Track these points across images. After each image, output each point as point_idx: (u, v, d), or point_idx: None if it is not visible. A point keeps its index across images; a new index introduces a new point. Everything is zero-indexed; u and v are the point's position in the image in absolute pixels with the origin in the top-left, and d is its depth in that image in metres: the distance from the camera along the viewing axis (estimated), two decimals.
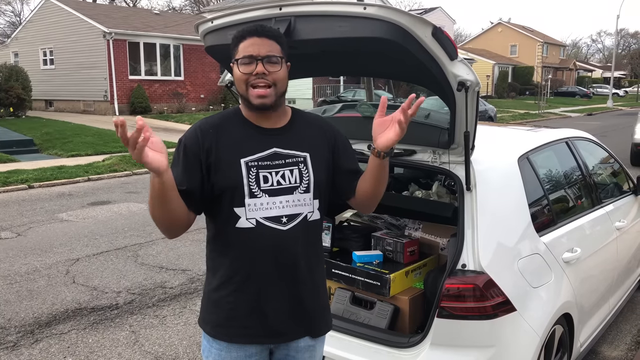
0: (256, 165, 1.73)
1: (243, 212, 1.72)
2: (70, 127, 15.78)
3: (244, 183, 1.71)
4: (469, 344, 2.31)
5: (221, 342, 1.79)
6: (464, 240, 2.35)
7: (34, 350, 3.69)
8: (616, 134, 17.39)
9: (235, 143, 1.75)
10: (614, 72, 44.22)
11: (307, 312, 1.82)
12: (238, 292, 1.76)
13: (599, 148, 3.99)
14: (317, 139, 1.85)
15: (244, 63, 1.69)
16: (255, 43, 1.69)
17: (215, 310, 1.80)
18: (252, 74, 1.69)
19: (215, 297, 1.80)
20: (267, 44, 1.70)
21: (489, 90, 41.23)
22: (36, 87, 19.58)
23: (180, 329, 4.00)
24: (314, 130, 1.86)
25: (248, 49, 1.69)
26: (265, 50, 1.69)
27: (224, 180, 1.72)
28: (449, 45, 2.00)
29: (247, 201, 1.72)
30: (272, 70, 1.69)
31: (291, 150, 1.78)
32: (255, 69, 1.68)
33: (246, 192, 1.71)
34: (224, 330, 1.79)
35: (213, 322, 1.81)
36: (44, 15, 22.36)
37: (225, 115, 1.83)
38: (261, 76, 1.68)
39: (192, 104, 21.99)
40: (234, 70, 1.74)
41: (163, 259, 5.52)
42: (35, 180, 9.42)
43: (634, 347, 3.77)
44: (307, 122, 1.88)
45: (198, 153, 1.72)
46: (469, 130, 2.27)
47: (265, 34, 1.71)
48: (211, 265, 1.83)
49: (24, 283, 4.87)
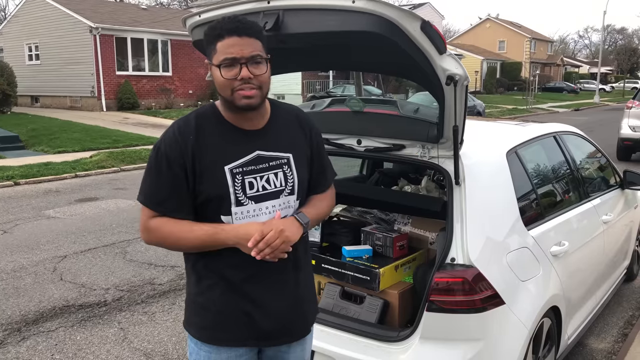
0: (241, 172, 1.66)
1: (230, 220, 1.67)
2: (56, 123, 15.61)
3: (229, 192, 1.64)
4: (459, 337, 2.32)
5: (210, 345, 1.75)
6: (453, 234, 2.36)
7: (20, 348, 3.66)
8: (603, 129, 17.55)
9: (217, 148, 1.65)
10: (600, 67, 44.57)
11: (297, 314, 1.80)
12: (226, 296, 1.71)
13: (586, 142, 4.02)
14: (298, 136, 1.79)
15: (226, 66, 1.57)
16: (236, 43, 1.57)
17: (202, 314, 1.75)
18: (236, 78, 1.58)
19: (201, 300, 1.74)
20: (249, 44, 1.58)
21: (478, 85, 41.40)
22: (21, 83, 19.31)
23: (169, 325, 3.98)
24: (294, 125, 1.80)
25: (229, 50, 1.57)
26: (248, 51, 1.57)
27: (209, 189, 1.64)
28: (438, 39, 1.99)
29: (234, 210, 1.66)
30: (257, 73, 1.59)
31: (274, 152, 1.72)
32: (239, 73, 1.57)
33: (232, 201, 1.65)
34: (213, 333, 1.74)
35: (200, 325, 1.76)
36: (29, 9, 22.06)
37: (202, 115, 1.71)
38: (247, 81, 1.58)
39: (180, 99, 21.85)
40: (214, 73, 1.61)
41: (152, 255, 5.49)
42: (21, 176, 9.31)
43: (620, 339, 3.81)
44: (286, 117, 1.79)
45: (182, 163, 1.62)
46: (457, 125, 2.27)
47: (246, 32, 1.58)
48: (194, 269, 1.75)
49: (10, 281, 4.82)
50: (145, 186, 1.69)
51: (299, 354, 1.88)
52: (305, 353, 1.91)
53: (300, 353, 1.88)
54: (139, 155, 11.36)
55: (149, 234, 1.70)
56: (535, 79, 35.63)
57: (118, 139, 13.23)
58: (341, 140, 2.80)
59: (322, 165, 1.87)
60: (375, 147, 2.70)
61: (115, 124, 15.98)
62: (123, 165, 10.61)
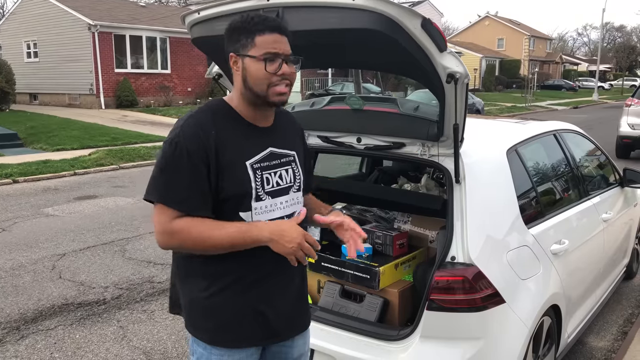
0: (260, 167, 1.68)
1: (249, 216, 1.66)
2: (55, 120, 15.59)
3: (252, 187, 1.65)
4: (459, 336, 2.32)
5: (222, 348, 1.71)
6: (453, 232, 2.35)
7: (19, 346, 3.65)
8: (602, 126, 17.55)
9: (236, 144, 1.65)
10: (599, 65, 44.59)
11: (301, 308, 1.86)
12: (240, 297, 1.68)
13: (585, 140, 4.01)
14: (296, 135, 1.87)
15: (270, 60, 1.60)
16: (279, 40, 1.62)
17: (212, 316, 1.70)
18: (276, 73, 1.61)
19: (213, 303, 1.69)
20: (287, 42, 1.64)
21: (477, 83, 41.39)
22: (20, 81, 19.28)
23: (168, 323, 3.98)
24: (291, 125, 1.88)
25: (273, 46, 1.60)
26: (288, 48, 1.64)
27: (234, 186, 1.62)
28: (438, 37, 1.98)
29: (254, 205, 1.66)
30: (294, 72, 1.66)
31: (283, 149, 1.76)
32: (279, 69, 1.61)
33: (253, 196, 1.66)
34: (226, 336, 1.71)
35: (211, 329, 1.71)
36: (28, 7, 21.99)
37: (216, 110, 1.69)
38: (286, 77, 1.63)
39: (179, 97, 21.82)
40: (251, 66, 1.61)
41: (151, 253, 5.48)
42: (20, 174, 9.29)
43: (619, 337, 3.81)
44: (284, 118, 1.86)
45: (205, 157, 1.58)
46: (458, 123, 2.26)
47: (286, 31, 1.65)
48: (205, 271, 1.69)
49: (9, 279, 4.81)
50: (161, 184, 1.60)
51: (301, 347, 1.90)
52: (306, 345, 1.94)
53: (302, 346, 1.91)
54: (137, 153, 11.34)
55: (172, 236, 1.59)
56: (534, 77, 35.62)
57: (117, 137, 13.20)
58: (341, 138, 2.79)
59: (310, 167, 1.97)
60: (375, 145, 2.69)
61: (114, 122, 15.95)
62: (122, 163, 10.59)
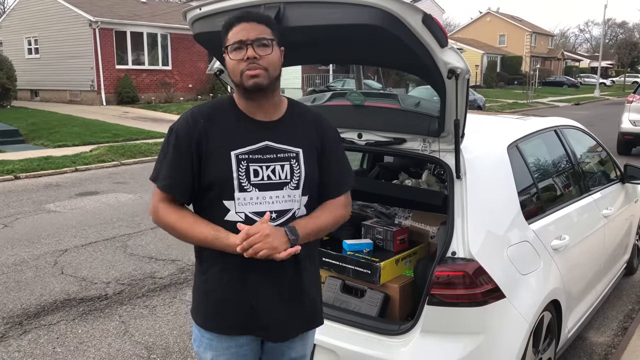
0: (247, 159, 1.70)
1: (232, 206, 1.70)
2: (56, 117, 15.59)
3: (233, 176, 1.69)
4: (459, 330, 2.33)
5: (212, 333, 1.79)
6: (454, 228, 2.36)
7: (22, 341, 3.67)
8: (603, 123, 17.52)
9: (226, 134, 1.72)
10: (601, 61, 44.48)
11: (304, 307, 1.82)
12: (226, 285, 1.74)
13: (587, 136, 4.01)
14: (311, 134, 1.80)
15: (234, 49, 1.67)
16: (244, 28, 1.67)
17: (205, 302, 1.79)
18: (243, 59, 1.66)
19: (205, 288, 1.79)
20: (256, 28, 1.67)
21: (478, 80, 41.30)
22: (21, 77, 19.26)
23: (170, 319, 3.99)
24: (309, 124, 1.82)
25: (237, 35, 1.67)
26: (254, 34, 1.66)
27: (214, 172, 1.69)
28: (440, 33, 1.99)
29: (237, 195, 1.69)
30: (263, 54, 1.66)
31: (284, 144, 1.75)
32: (245, 53, 1.65)
33: (236, 186, 1.69)
34: (214, 322, 1.78)
35: (203, 313, 1.80)
36: (29, 3, 21.97)
37: (218, 104, 1.79)
38: (253, 61, 1.65)
39: (180, 93, 21.81)
40: (226, 60, 1.71)
41: (152, 249, 5.49)
42: (21, 170, 9.30)
43: (620, 332, 3.82)
44: (302, 115, 1.83)
45: (189, 143, 1.69)
46: (459, 118, 2.26)
47: (254, 18, 1.69)
48: (200, 256, 1.81)
49: (11, 274, 4.83)
50: (157, 165, 1.76)
51: (300, 349, 1.91)
52: (306, 348, 1.93)
53: (301, 348, 1.91)
54: (139, 149, 11.35)
55: (157, 216, 1.76)
56: (535, 73, 35.52)
57: (118, 133, 13.20)
58: (342, 134, 2.79)
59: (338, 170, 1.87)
60: (376, 140, 2.70)
61: (115, 118, 15.95)
62: (123, 159, 10.59)
